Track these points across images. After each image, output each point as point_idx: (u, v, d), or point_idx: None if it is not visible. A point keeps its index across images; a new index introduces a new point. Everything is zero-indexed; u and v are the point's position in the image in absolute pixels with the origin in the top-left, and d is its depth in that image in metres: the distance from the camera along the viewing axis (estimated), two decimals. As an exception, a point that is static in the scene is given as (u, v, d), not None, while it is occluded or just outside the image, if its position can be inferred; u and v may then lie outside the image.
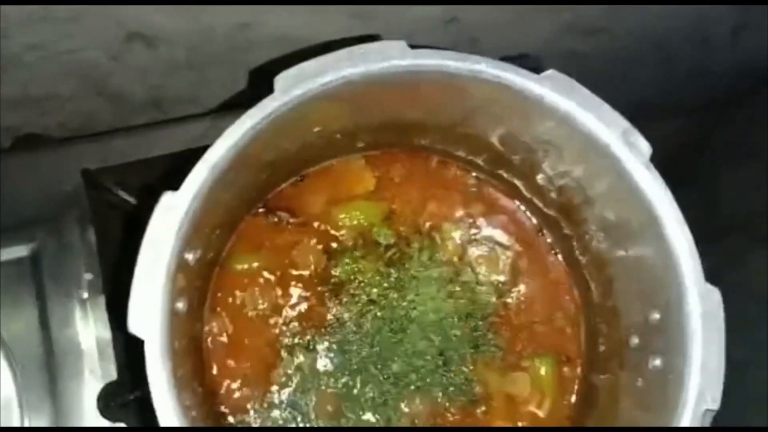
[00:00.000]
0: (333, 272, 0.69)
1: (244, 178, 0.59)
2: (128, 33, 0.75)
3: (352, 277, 0.69)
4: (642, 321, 0.60)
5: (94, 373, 0.75)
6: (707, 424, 0.52)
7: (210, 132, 0.79)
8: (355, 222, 0.71)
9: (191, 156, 0.77)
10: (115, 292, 0.75)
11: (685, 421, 0.51)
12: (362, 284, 0.69)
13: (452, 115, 0.63)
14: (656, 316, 0.58)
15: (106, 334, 0.75)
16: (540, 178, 0.67)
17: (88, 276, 0.77)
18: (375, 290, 0.69)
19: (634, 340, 0.61)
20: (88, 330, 0.76)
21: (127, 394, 0.70)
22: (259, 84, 0.85)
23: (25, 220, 0.78)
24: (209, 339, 0.66)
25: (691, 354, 0.53)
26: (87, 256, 0.77)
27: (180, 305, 0.53)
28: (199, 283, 0.61)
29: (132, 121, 0.91)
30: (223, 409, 0.65)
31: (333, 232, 0.71)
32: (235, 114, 0.81)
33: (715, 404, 0.52)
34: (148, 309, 0.48)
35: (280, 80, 0.52)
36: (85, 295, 0.77)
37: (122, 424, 0.72)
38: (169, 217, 0.50)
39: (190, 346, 0.59)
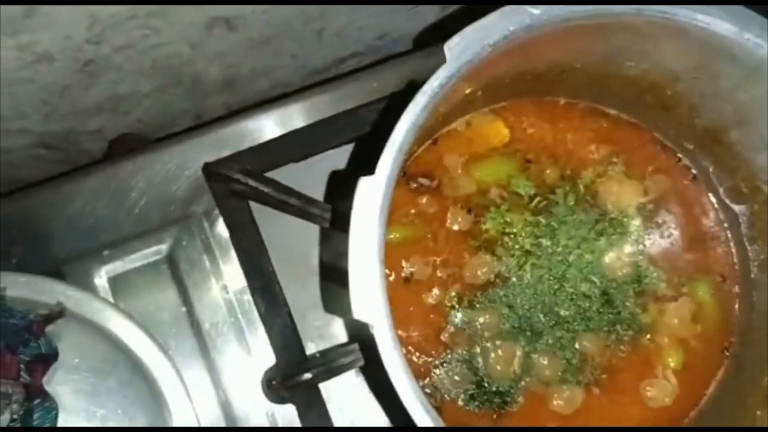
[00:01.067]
0: (482, 227, 0.69)
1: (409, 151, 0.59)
2: (211, 18, 0.74)
3: (502, 230, 0.69)
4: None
5: (249, 359, 0.76)
6: None
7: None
8: (493, 177, 0.71)
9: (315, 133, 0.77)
10: (258, 275, 0.75)
11: None
12: (514, 236, 0.70)
13: (598, 56, 0.62)
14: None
15: (255, 321, 0.76)
16: (685, 110, 0.66)
17: (226, 268, 0.78)
18: (528, 240, 0.70)
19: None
20: (237, 319, 0.76)
21: (295, 377, 0.71)
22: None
23: (154, 224, 0.78)
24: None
25: None
26: (221, 248, 0.78)
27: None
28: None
29: (205, 106, 0.90)
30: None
31: (474, 189, 0.70)
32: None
33: None
34: (371, 294, 0.48)
35: (450, 48, 0.51)
36: (227, 285, 0.77)
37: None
38: (370, 201, 0.49)
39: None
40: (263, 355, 0.76)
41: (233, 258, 0.77)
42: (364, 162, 0.52)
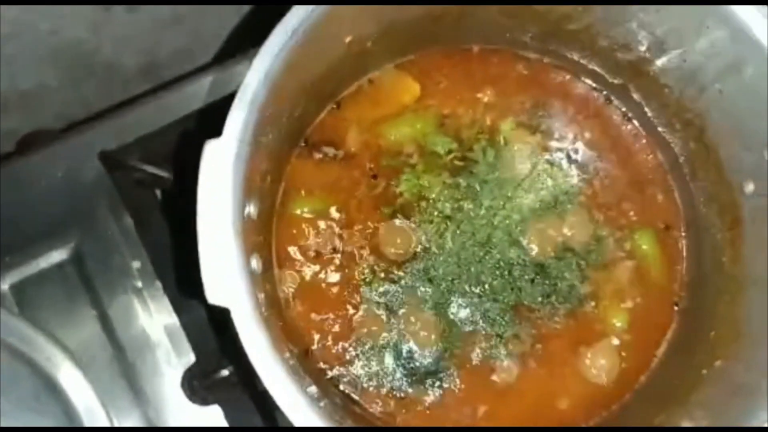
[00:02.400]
0: (396, 191, 0.63)
1: (280, 113, 0.53)
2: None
3: (418, 193, 0.63)
4: (754, 162, 0.53)
5: (170, 361, 0.70)
6: None
7: (222, 81, 0.74)
8: (407, 135, 0.64)
9: (214, 109, 0.72)
10: (170, 272, 0.70)
11: None
12: (432, 201, 0.63)
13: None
14: (774, 152, 0.51)
15: (172, 318, 0.70)
16: (604, 43, 0.60)
17: (136, 264, 0.72)
18: (447, 204, 0.63)
19: (749, 187, 0.55)
20: (153, 319, 0.71)
21: (213, 374, 0.66)
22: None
23: (56, 223, 0.72)
24: (286, 296, 0.60)
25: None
26: (129, 243, 0.72)
27: (254, 265, 0.47)
28: (262, 239, 0.55)
29: (129, 93, 0.85)
30: (322, 365, 0.60)
31: (386, 152, 0.64)
32: (239, 60, 0.76)
33: None
34: (225, 273, 0.42)
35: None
36: (139, 284, 0.72)
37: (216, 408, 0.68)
38: (218, 166, 0.43)
39: (271, 308, 0.53)
40: (185, 354, 0.70)
41: (144, 254, 0.72)
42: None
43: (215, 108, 0.70)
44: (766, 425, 0.44)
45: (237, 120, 0.44)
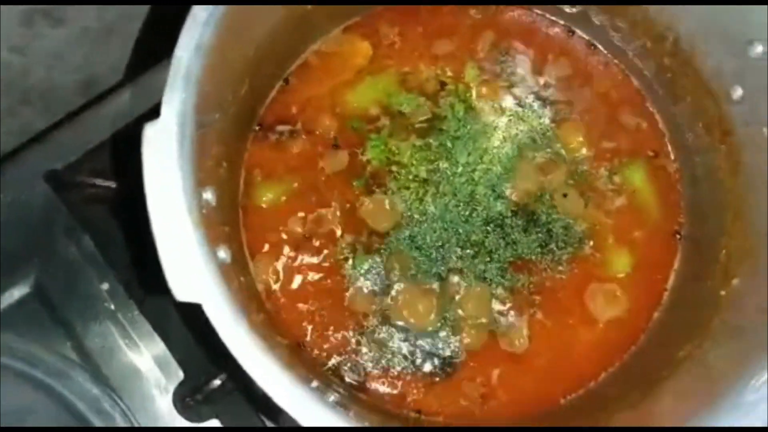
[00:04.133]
0: (363, 160, 0.59)
1: (223, 91, 0.48)
2: (24, 12, 0.64)
3: (387, 159, 0.59)
4: (739, 64, 0.50)
5: (159, 383, 0.66)
6: None
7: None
8: (370, 99, 0.60)
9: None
10: (141, 287, 0.65)
11: None
12: (404, 167, 0.59)
13: None
14: (758, 49, 0.48)
15: (153, 337, 0.66)
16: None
17: (104, 286, 0.67)
18: (422, 168, 0.59)
19: (737, 92, 0.51)
20: (132, 341, 0.67)
21: (204, 387, 0.61)
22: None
23: (11, 257, 0.67)
24: (267, 289, 0.56)
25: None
26: (94, 265, 0.67)
27: (222, 255, 0.43)
28: (228, 229, 0.50)
29: (70, 111, 0.80)
30: (318, 356, 0.56)
31: (349, 118, 0.60)
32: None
33: None
34: (189, 265, 0.38)
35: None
36: (112, 306, 0.67)
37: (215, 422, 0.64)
38: (161, 149, 0.39)
39: (250, 302, 0.49)
40: (174, 372, 0.66)
41: (111, 273, 0.67)
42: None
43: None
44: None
45: (173, 98, 0.39)
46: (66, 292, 0.68)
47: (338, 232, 0.58)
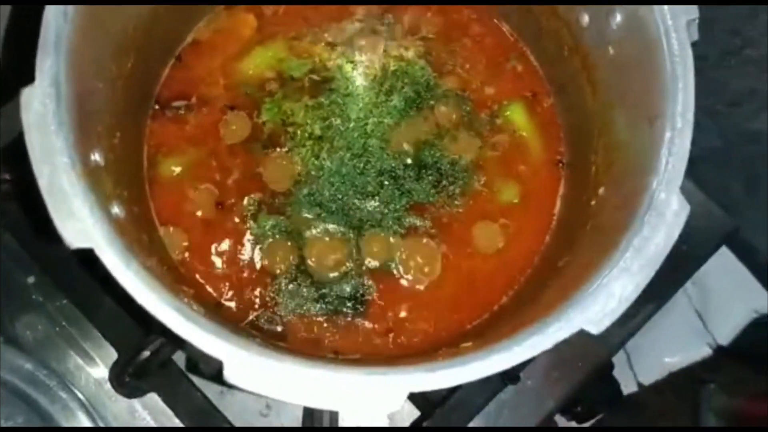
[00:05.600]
0: (257, 121, 0.62)
1: (104, 60, 0.51)
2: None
3: (282, 120, 0.63)
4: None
5: (94, 367, 0.68)
6: (695, 35, 0.47)
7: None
8: (262, 65, 0.64)
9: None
10: (67, 275, 0.67)
11: (671, 33, 0.46)
12: (299, 126, 0.63)
13: None
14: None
15: (84, 322, 0.68)
16: None
17: (30, 279, 0.70)
18: (316, 126, 0.63)
19: (584, 19, 0.56)
20: (63, 329, 0.69)
21: (136, 358, 0.64)
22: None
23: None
24: (181, 256, 0.59)
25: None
26: (17, 260, 0.70)
27: (116, 210, 0.46)
28: (129, 194, 0.53)
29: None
30: (235, 311, 0.59)
31: (243, 85, 0.63)
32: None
33: (692, 13, 0.47)
34: (76, 212, 0.41)
35: None
36: (40, 298, 0.69)
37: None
38: (40, 109, 0.42)
39: (161, 266, 0.52)
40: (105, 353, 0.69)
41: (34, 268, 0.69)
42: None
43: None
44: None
45: (46, 60, 0.42)
46: (-6, 290, 0.69)
47: (243, 197, 0.61)
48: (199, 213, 0.61)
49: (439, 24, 0.66)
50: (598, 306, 0.43)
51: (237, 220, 0.61)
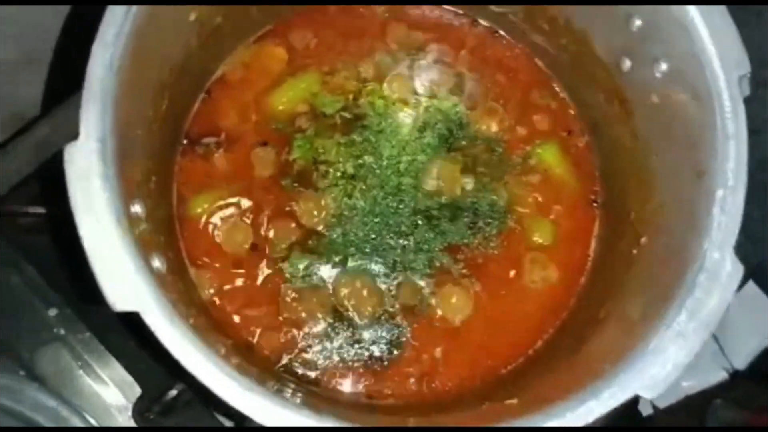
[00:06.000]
0: (288, 158, 0.61)
1: (143, 107, 0.50)
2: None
3: (314, 158, 0.61)
4: (624, 39, 0.53)
5: (118, 402, 0.67)
6: (747, 90, 0.46)
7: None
8: (294, 99, 0.63)
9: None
10: (90, 307, 0.66)
11: (722, 89, 0.45)
12: (331, 164, 0.62)
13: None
14: (637, 23, 0.51)
15: (107, 357, 0.67)
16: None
17: (52, 312, 0.68)
18: (348, 164, 0.62)
19: (626, 64, 0.55)
20: (86, 363, 0.68)
21: (161, 398, 0.63)
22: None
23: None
24: (209, 297, 0.58)
25: (699, 32, 0.46)
26: (39, 293, 0.68)
27: (157, 264, 0.45)
28: (163, 239, 0.52)
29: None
30: (266, 354, 0.58)
31: (273, 120, 0.62)
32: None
33: (744, 68, 0.46)
34: (123, 274, 0.40)
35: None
36: (62, 331, 0.68)
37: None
38: (84, 168, 0.41)
39: (190, 308, 0.50)
40: (129, 388, 0.67)
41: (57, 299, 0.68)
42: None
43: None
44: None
45: (90, 116, 0.41)
46: (12, 322, 0.68)
47: (272, 235, 0.60)
48: (229, 251, 0.60)
49: (473, 60, 0.65)
50: (653, 371, 0.43)
51: (268, 259, 0.60)
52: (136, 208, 0.45)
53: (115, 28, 0.42)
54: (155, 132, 0.52)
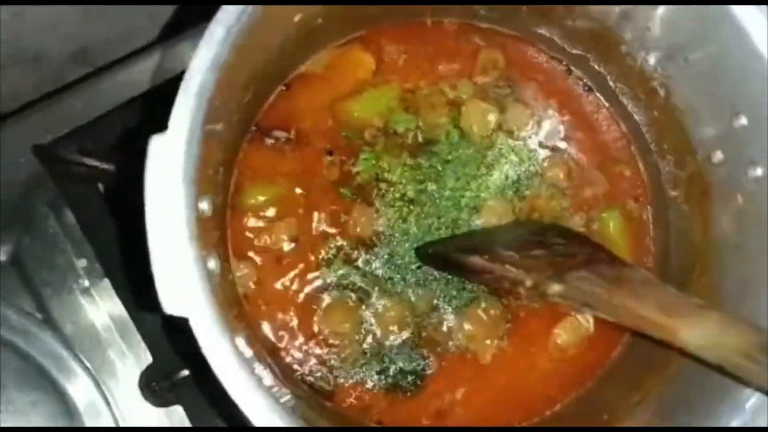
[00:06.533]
0: (352, 169, 0.60)
1: (230, 101, 0.49)
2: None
3: (377, 174, 0.60)
4: (722, 131, 0.52)
5: (125, 362, 0.67)
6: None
7: (166, 64, 0.69)
8: (371, 111, 0.61)
9: (157, 95, 0.67)
10: (119, 269, 0.66)
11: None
12: (393, 183, 0.60)
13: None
14: (743, 121, 0.50)
15: (124, 317, 0.67)
16: (563, 11, 0.57)
17: (81, 263, 0.68)
18: (410, 187, 0.60)
19: (717, 156, 0.53)
20: (103, 319, 0.67)
21: (172, 376, 0.63)
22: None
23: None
24: (246, 292, 0.57)
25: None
26: (73, 241, 0.68)
27: (212, 265, 0.44)
28: (218, 234, 0.51)
29: (62, 82, 0.79)
30: (291, 362, 0.57)
31: (346, 127, 0.60)
32: (181, 39, 0.71)
33: None
34: (181, 282, 0.39)
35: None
36: (86, 283, 0.68)
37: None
38: (166, 165, 0.40)
39: (231, 308, 0.50)
40: (141, 353, 0.67)
41: (90, 251, 0.68)
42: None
43: (158, 93, 0.66)
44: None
45: (183, 113, 0.40)
46: (41, 263, 0.68)
47: (319, 240, 0.59)
48: (274, 248, 0.59)
49: (560, 109, 0.63)
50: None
51: (310, 264, 0.59)
52: (204, 205, 0.45)
53: (225, 28, 0.40)
54: (234, 124, 0.50)
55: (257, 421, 0.41)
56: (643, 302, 0.47)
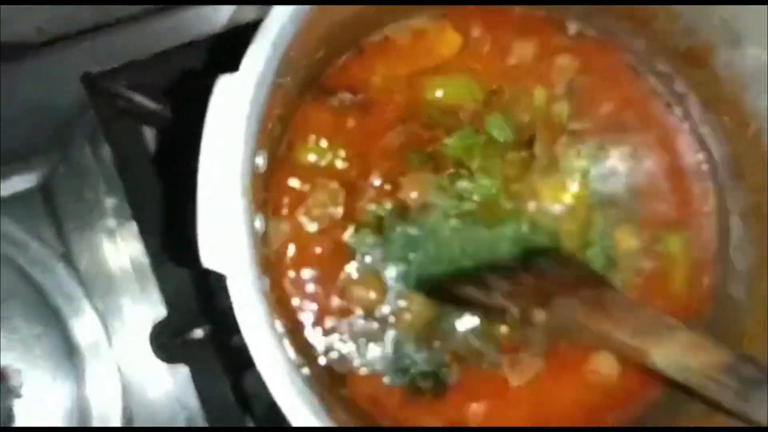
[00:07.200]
0: (443, 140, 0.56)
1: (302, 56, 0.46)
2: None
3: (459, 158, 0.56)
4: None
5: (136, 310, 0.65)
6: None
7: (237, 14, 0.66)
8: (456, 97, 0.57)
9: (220, 42, 0.64)
10: (149, 217, 0.63)
11: None
12: (471, 175, 0.56)
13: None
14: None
15: (145, 265, 0.64)
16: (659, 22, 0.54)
17: (111, 201, 0.66)
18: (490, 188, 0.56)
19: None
20: (122, 263, 0.65)
21: (185, 334, 0.60)
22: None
23: (26, 146, 0.65)
24: (279, 257, 0.54)
25: None
26: (106, 178, 0.65)
27: (258, 225, 0.41)
28: (264, 193, 0.48)
29: (126, 12, 0.76)
30: (309, 335, 0.54)
31: (424, 108, 0.56)
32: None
33: None
34: (226, 236, 0.36)
35: None
36: (112, 223, 0.65)
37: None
38: (231, 107, 0.36)
39: (266, 271, 0.47)
40: (155, 305, 0.65)
41: (121, 191, 0.65)
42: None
43: (225, 40, 0.63)
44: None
45: (258, 58, 0.37)
46: (70, 195, 0.66)
47: (364, 210, 0.55)
48: (317, 212, 0.55)
49: (636, 121, 0.60)
50: None
51: (351, 228, 0.55)
52: (259, 159, 0.41)
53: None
54: (299, 79, 0.47)
55: (279, 397, 0.38)
56: (619, 325, 0.46)
